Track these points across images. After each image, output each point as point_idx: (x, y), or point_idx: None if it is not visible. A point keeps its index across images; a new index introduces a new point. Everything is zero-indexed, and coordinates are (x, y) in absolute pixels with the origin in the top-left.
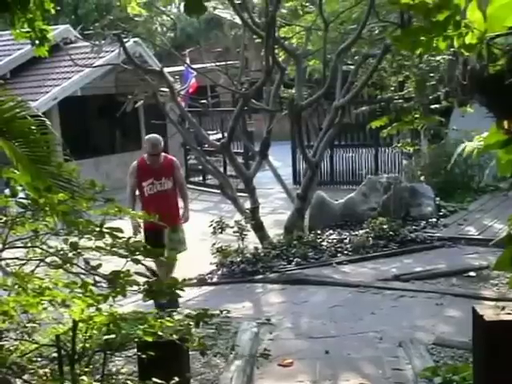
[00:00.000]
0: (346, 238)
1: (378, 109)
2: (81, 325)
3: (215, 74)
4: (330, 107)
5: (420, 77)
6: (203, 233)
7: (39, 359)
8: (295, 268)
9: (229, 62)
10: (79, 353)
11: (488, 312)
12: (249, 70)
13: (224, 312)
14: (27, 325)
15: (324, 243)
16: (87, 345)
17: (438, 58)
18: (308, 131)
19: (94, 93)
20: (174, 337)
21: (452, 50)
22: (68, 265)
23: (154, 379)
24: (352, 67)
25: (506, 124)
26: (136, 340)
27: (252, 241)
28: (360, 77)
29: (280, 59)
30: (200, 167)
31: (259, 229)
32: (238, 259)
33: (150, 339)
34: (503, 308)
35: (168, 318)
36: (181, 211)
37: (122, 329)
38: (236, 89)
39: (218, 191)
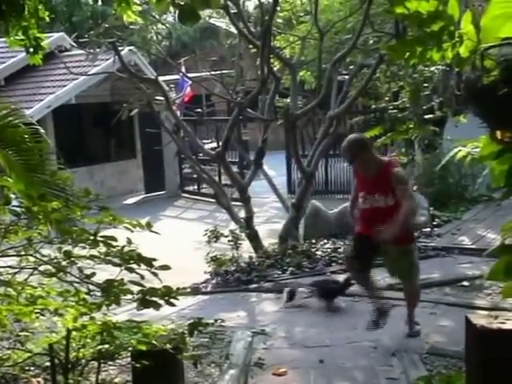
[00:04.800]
0: (340, 248)
1: (373, 119)
2: (74, 333)
3: (210, 83)
4: (324, 117)
5: (414, 87)
6: (198, 242)
7: (32, 368)
8: (290, 277)
9: (224, 71)
10: (73, 362)
11: (481, 321)
12: (244, 79)
13: (218, 321)
14: (20, 333)
15: (318, 252)
16: (81, 354)
17: (431, 68)
18: (303, 141)
19: (89, 101)
20: (168, 346)
21: (446, 61)
22: (62, 273)
23: None
24: (346, 77)
25: (499, 135)
26: (130, 349)
27: (246, 250)
28: (354, 86)
29: (275, 69)
30: (195, 176)
31: (254, 238)
32: (233, 268)
33: (144, 348)
34: (496, 317)
35: (162, 327)
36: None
37: (115, 338)
38: (231, 98)
39: (213, 200)
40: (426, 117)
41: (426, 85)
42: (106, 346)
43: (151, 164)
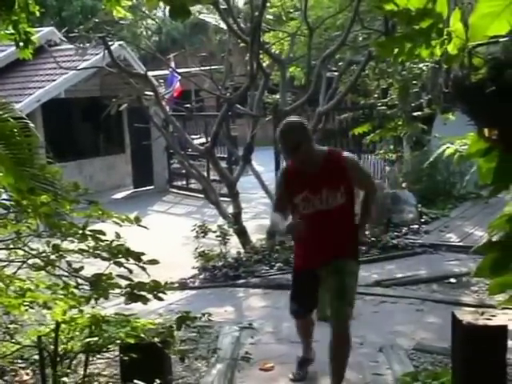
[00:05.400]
0: None
1: (362, 115)
2: (63, 326)
3: (200, 79)
4: (313, 113)
5: (403, 84)
6: (186, 237)
7: (19, 361)
8: (277, 273)
9: (213, 67)
10: (61, 354)
11: (467, 317)
12: (233, 74)
13: (206, 315)
14: (9, 326)
15: None
16: (69, 346)
17: (420, 65)
18: None
19: (78, 95)
20: (156, 339)
21: (434, 58)
22: (50, 267)
23: (136, 381)
24: (336, 73)
25: (486, 132)
26: (118, 342)
27: (234, 245)
28: (343, 83)
29: (264, 64)
30: (183, 171)
31: (242, 233)
32: (220, 264)
33: (132, 341)
34: (482, 313)
35: (150, 321)
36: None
37: (104, 331)
38: (220, 93)
39: (201, 195)
40: (415, 114)
41: (414, 82)
42: (95, 338)
43: (140, 159)
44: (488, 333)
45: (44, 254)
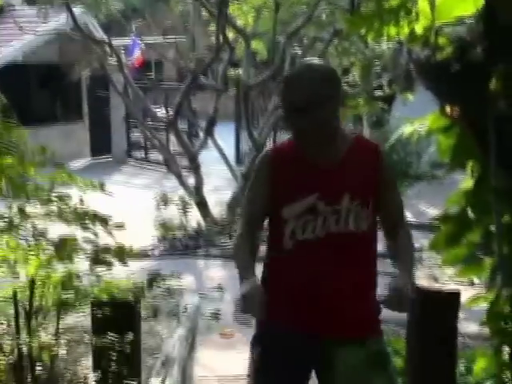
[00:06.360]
0: None
1: None
2: (38, 283)
3: (162, 49)
4: (276, 89)
5: (366, 63)
6: (146, 208)
7: None
8: None
9: (176, 38)
10: (35, 309)
11: (422, 283)
12: (196, 46)
13: (176, 274)
14: None
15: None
16: (43, 302)
17: (382, 45)
18: (252, 112)
19: (37, 60)
20: (129, 296)
21: (398, 37)
22: (15, 230)
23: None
24: (300, 52)
25: (448, 110)
26: (91, 298)
27: (195, 218)
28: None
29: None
30: (142, 144)
31: (202, 205)
32: (181, 234)
33: (105, 297)
34: (437, 279)
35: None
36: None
37: (77, 288)
38: (185, 64)
39: (160, 167)
40: (376, 94)
41: (376, 61)
42: (70, 295)
43: (98, 127)
44: (442, 298)
45: (8, 217)
